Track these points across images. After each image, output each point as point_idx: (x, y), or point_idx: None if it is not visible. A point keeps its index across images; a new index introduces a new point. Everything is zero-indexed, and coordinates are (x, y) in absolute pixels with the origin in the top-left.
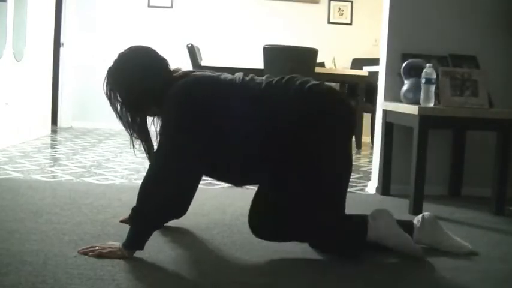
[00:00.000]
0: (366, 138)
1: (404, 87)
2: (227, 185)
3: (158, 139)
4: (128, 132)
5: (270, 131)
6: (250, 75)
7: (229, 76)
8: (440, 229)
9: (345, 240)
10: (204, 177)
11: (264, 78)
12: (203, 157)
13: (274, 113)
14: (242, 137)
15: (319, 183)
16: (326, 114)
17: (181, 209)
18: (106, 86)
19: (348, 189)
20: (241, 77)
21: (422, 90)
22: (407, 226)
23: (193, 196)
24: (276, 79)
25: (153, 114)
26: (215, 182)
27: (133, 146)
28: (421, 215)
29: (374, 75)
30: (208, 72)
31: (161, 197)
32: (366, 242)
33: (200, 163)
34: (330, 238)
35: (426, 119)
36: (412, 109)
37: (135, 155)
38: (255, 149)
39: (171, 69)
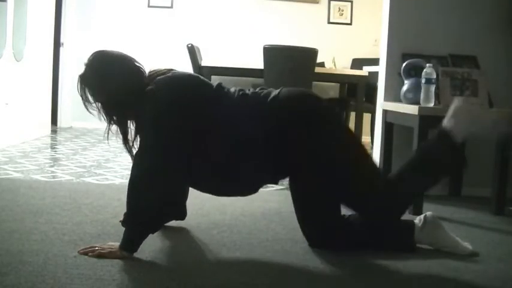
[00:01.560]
0: (366, 138)
1: (404, 87)
2: None
3: (140, 139)
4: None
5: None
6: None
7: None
8: (442, 229)
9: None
10: None
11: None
12: (189, 154)
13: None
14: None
15: (341, 177)
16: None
17: (176, 210)
18: (81, 89)
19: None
20: (216, 84)
21: (422, 90)
22: (408, 226)
23: (185, 196)
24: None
25: (130, 117)
26: None
27: (108, 133)
28: (423, 215)
29: (374, 75)
30: (186, 72)
31: (150, 199)
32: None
33: (186, 161)
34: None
35: (426, 119)
36: (412, 109)
37: (109, 144)
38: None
39: (142, 68)
